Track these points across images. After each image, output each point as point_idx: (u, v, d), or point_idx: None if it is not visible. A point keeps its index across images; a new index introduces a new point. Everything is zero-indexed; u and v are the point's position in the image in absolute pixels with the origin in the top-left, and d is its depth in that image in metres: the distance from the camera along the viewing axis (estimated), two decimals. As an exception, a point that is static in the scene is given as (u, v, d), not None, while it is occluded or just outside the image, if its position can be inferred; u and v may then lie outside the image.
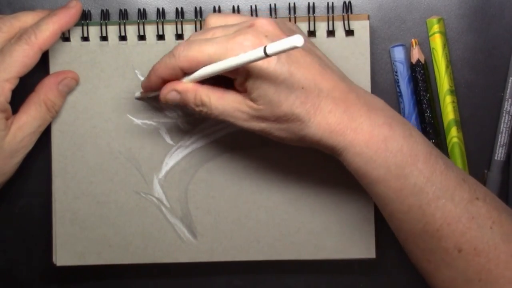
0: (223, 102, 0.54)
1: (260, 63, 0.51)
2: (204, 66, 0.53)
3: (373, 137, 0.52)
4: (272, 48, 0.47)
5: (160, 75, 0.55)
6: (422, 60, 0.62)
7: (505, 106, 0.63)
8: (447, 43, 0.63)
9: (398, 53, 0.62)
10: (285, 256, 0.62)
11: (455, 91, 0.63)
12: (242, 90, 0.53)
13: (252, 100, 0.53)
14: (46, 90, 0.60)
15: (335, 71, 0.55)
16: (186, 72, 0.54)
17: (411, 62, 0.62)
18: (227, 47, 0.51)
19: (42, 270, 0.64)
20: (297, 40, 0.46)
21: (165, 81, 0.56)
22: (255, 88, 0.52)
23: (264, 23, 0.53)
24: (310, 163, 0.62)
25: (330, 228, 0.62)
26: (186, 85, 0.55)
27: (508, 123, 0.63)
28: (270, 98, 0.52)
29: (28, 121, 0.59)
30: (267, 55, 0.48)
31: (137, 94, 0.61)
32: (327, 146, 0.53)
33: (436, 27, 0.62)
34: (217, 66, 0.52)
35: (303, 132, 0.53)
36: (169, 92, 0.55)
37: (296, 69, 0.52)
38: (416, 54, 0.62)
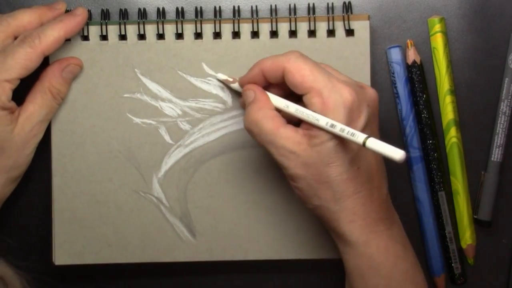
0: (277, 133, 0.56)
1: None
2: (299, 86, 0.55)
3: (387, 249, 0.56)
4: (373, 144, 0.51)
5: (264, 67, 0.58)
6: (418, 61, 0.64)
7: (501, 107, 0.65)
8: (447, 43, 0.65)
9: (395, 54, 0.65)
10: (284, 255, 0.64)
11: (454, 91, 0.65)
12: (306, 127, 0.55)
13: (310, 144, 0.55)
14: (50, 78, 0.62)
15: (386, 177, 0.58)
16: (281, 81, 0.57)
17: (407, 63, 0.65)
18: (330, 91, 0.55)
19: (41, 269, 0.64)
20: (398, 155, 0.50)
21: (262, 79, 0.58)
22: (323, 137, 0.54)
23: (374, 94, 0.57)
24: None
25: (329, 228, 0.64)
26: (264, 98, 0.58)
27: (504, 124, 0.65)
28: (328, 154, 0.54)
29: (35, 110, 0.61)
30: (363, 144, 0.51)
31: (223, 76, 0.63)
32: (338, 230, 0.56)
33: (437, 27, 0.64)
34: (314, 116, 0.54)
35: (327, 203, 0.56)
36: (250, 90, 0.58)
37: (365, 151, 0.55)
38: (412, 55, 0.64)
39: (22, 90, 0.61)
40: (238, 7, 0.64)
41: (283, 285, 0.67)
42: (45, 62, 0.62)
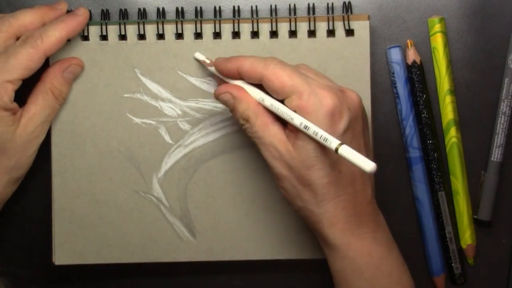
0: (266, 130, 0.56)
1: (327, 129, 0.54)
2: (280, 92, 0.55)
3: (371, 251, 0.57)
4: (345, 151, 0.51)
5: (241, 69, 0.58)
6: (418, 61, 0.65)
7: (501, 107, 0.65)
8: (447, 43, 0.66)
9: (395, 54, 0.65)
10: (284, 255, 0.65)
11: (454, 91, 0.66)
12: (291, 128, 0.56)
13: (293, 145, 0.55)
14: (51, 79, 0.62)
15: (372, 181, 0.59)
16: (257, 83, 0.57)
17: (407, 63, 0.65)
18: (309, 92, 0.55)
19: (41, 269, 0.67)
20: (369, 166, 0.50)
21: (238, 75, 0.58)
22: (304, 139, 0.55)
23: (355, 98, 0.57)
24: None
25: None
26: (245, 95, 0.58)
27: (504, 124, 0.65)
28: (308, 157, 0.55)
29: (37, 111, 0.61)
30: (335, 150, 0.51)
31: (201, 56, 0.63)
32: (321, 233, 0.57)
33: (437, 27, 0.64)
34: (289, 114, 0.55)
35: (309, 205, 0.56)
36: (226, 94, 0.58)
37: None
38: (412, 55, 0.65)
39: (24, 91, 0.61)
40: (238, 7, 0.64)
41: (283, 285, 0.68)
42: (45, 63, 0.62)
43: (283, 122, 0.57)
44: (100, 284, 0.68)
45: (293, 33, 0.64)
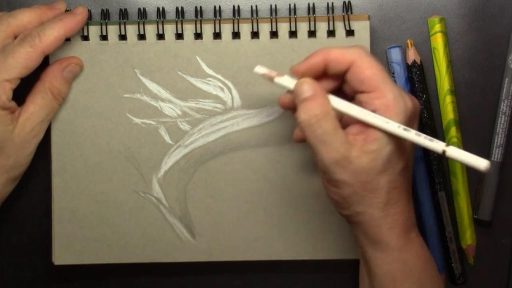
0: (334, 135, 0.54)
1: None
2: (366, 82, 0.54)
3: (419, 254, 0.57)
4: (454, 152, 0.50)
5: (329, 56, 0.56)
6: (418, 61, 0.65)
7: (501, 107, 0.65)
8: (447, 43, 0.66)
9: (395, 54, 0.65)
10: (284, 256, 0.65)
11: (454, 91, 0.66)
12: (356, 133, 0.55)
13: (363, 150, 0.54)
14: (50, 78, 0.62)
15: None
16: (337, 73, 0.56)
17: (407, 63, 0.65)
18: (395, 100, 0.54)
19: (41, 269, 0.67)
20: (483, 164, 0.49)
21: (321, 68, 0.56)
22: (379, 144, 0.54)
23: (419, 106, 0.57)
24: (309, 164, 0.64)
25: (329, 228, 0.64)
26: (323, 93, 0.55)
27: (505, 124, 0.65)
28: (382, 162, 0.54)
29: (36, 110, 0.61)
30: (443, 152, 0.51)
31: (262, 69, 0.58)
32: (376, 236, 0.56)
33: (438, 27, 0.65)
34: (383, 119, 0.53)
35: (370, 210, 0.55)
36: (308, 84, 0.56)
37: (413, 160, 0.56)
38: (412, 55, 0.65)
39: (23, 90, 0.61)
40: (238, 6, 0.64)
41: (283, 285, 0.68)
42: (45, 62, 0.62)
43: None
44: (100, 284, 0.68)
45: (293, 34, 0.64)
